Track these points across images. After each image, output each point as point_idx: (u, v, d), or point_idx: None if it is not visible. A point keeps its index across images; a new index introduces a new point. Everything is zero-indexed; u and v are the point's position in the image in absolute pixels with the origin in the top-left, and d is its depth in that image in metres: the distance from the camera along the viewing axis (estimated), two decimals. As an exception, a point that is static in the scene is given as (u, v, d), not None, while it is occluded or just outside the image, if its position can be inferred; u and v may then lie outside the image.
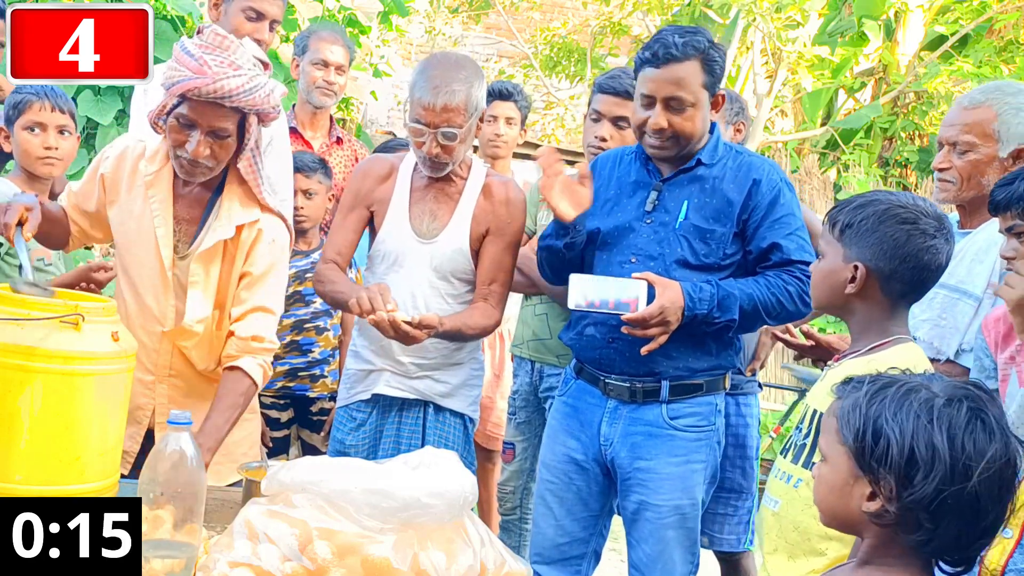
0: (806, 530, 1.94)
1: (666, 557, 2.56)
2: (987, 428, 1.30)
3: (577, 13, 11.52)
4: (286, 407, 3.49)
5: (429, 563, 1.55)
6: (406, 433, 2.71)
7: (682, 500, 2.55)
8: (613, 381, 2.58)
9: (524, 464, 3.53)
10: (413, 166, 2.74)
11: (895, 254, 1.92)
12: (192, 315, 2.32)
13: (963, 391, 1.33)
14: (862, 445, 1.33)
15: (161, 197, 2.34)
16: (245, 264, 2.35)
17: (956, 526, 1.29)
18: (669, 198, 2.57)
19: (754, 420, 3.23)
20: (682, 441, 2.55)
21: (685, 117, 2.50)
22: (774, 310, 2.49)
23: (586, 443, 2.62)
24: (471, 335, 2.69)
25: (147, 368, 2.36)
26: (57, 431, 1.81)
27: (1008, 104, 2.40)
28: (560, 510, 2.67)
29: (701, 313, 2.44)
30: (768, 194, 2.52)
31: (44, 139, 2.82)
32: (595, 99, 3.24)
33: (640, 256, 2.55)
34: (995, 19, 9.15)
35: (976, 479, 1.27)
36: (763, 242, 2.52)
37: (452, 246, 2.68)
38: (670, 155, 2.57)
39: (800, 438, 2.00)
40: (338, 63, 3.77)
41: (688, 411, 2.56)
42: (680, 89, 2.49)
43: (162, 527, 1.63)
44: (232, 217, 2.34)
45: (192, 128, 2.22)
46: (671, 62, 2.48)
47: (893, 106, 9.99)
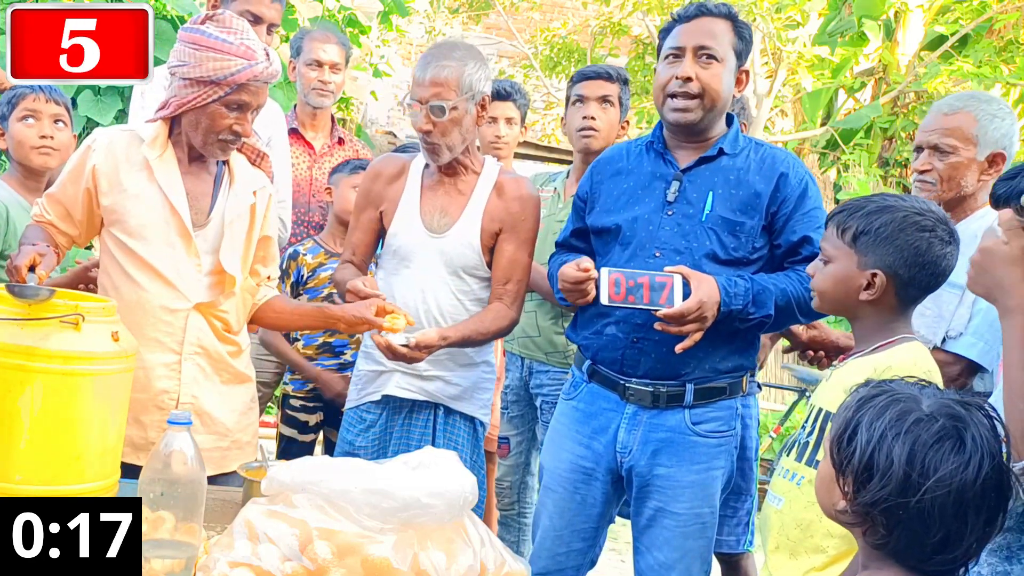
0: (808, 527, 1.94)
1: (684, 565, 2.50)
2: (959, 448, 1.32)
3: (577, 13, 11.53)
4: (315, 410, 3.49)
5: (429, 563, 1.55)
6: (416, 435, 2.69)
7: (703, 508, 2.49)
8: (634, 385, 2.47)
9: (519, 459, 3.55)
10: (424, 164, 2.75)
11: (915, 262, 1.93)
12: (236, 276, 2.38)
13: (949, 409, 1.36)
14: (838, 445, 1.41)
15: (171, 178, 2.34)
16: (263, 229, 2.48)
17: (907, 535, 1.34)
18: (691, 189, 2.47)
19: (754, 421, 3.22)
20: (704, 448, 2.47)
21: (713, 72, 2.43)
22: (806, 306, 2.37)
23: (599, 451, 2.53)
24: (484, 339, 2.66)
25: (170, 348, 2.34)
26: (57, 431, 1.81)
27: (984, 111, 2.56)
28: (560, 521, 2.58)
29: (736, 309, 2.35)
30: (797, 187, 2.45)
31: (39, 128, 2.79)
32: (576, 87, 3.33)
33: (665, 250, 2.45)
34: (995, 19, 9.14)
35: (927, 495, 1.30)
36: (793, 236, 2.44)
37: (462, 241, 2.66)
38: (693, 119, 2.46)
39: (805, 436, 2.01)
40: (332, 62, 3.76)
41: (711, 416, 2.48)
42: (712, 39, 2.43)
43: (162, 527, 1.63)
44: (247, 183, 2.44)
45: (243, 110, 2.30)
46: (704, 16, 2.46)
47: (893, 106, 9.99)
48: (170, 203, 2.32)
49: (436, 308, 2.64)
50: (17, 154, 2.82)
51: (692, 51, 2.44)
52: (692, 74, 2.43)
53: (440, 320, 2.64)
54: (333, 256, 3.41)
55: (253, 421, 2.53)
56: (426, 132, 2.59)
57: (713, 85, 2.43)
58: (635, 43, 10.77)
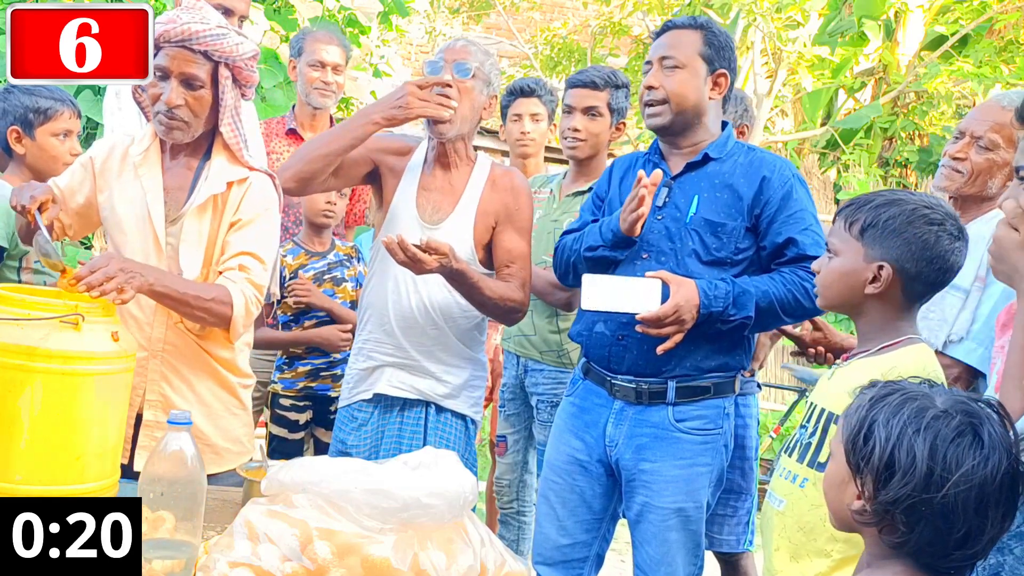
0: (812, 530, 1.92)
1: (669, 560, 2.55)
2: (978, 444, 1.33)
3: (577, 13, 11.54)
4: (305, 408, 3.50)
5: (429, 563, 1.55)
6: (408, 433, 2.69)
7: (686, 503, 2.54)
8: (620, 382, 2.57)
9: (517, 456, 3.56)
10: (424, 156, 2.76)
11: (923, 256, 1.90)
12: (187, 272, 2.33)
13: (963, 405, 1.36)
14: (853, 445, 1.39)
15: (151, 173, 2.38)
16: (235, 214, 2.38)
17: (929, 532, 1.33)
18: (680, 193, 2.58)
19: (753, 420, 3.23)
20: (688, 444, 2.54)
21: (676, 79, 2.57)
22: (791, 307, 2.47)
23: (591, 444, 2.62)
24: (490, 298, 2.62)
25: (139, 344, 2.32)
26: (57, 431, 1.81)
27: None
28: (563, 511, 2.66)
29: (716, 311, 2.43)
30: (780, 189, 2.52)
31: (72, 146, 2.91)
32: (566, 95, 3.36)
33: (652, 251, 2.56)
34: (995, 19, 9.15)
35: (951, 491, 1.30)
36: (778, 237, 2.50)
37: (456, 234, 2.66)
38: (664, 123, 2.59)
39: (806, 437, 1.98)
40: (334, 63, 3.77)
41: (695, 414, 2.54)
42: (672, 49, 2.59)
43: (162, 527, 1.63)
44: (223, 175, 2.39)
45: (166, 79, 2.30)
46: (671, 29, 2.63)
47: (893, 106, 9.99)
48: (146, 200, 2.36)
49: (428, 301, 2.65)
50: (45, 165, 2.87)
51: (657, 61, 2.61)
52: (656, 83, 2.59)
53: (432, 314, 2.66)
54: (313, 256, 3.44)
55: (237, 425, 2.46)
56: (447, 86, 2.61)
57: (676, 90, 2.58)
58: (635, 43, 10.78)
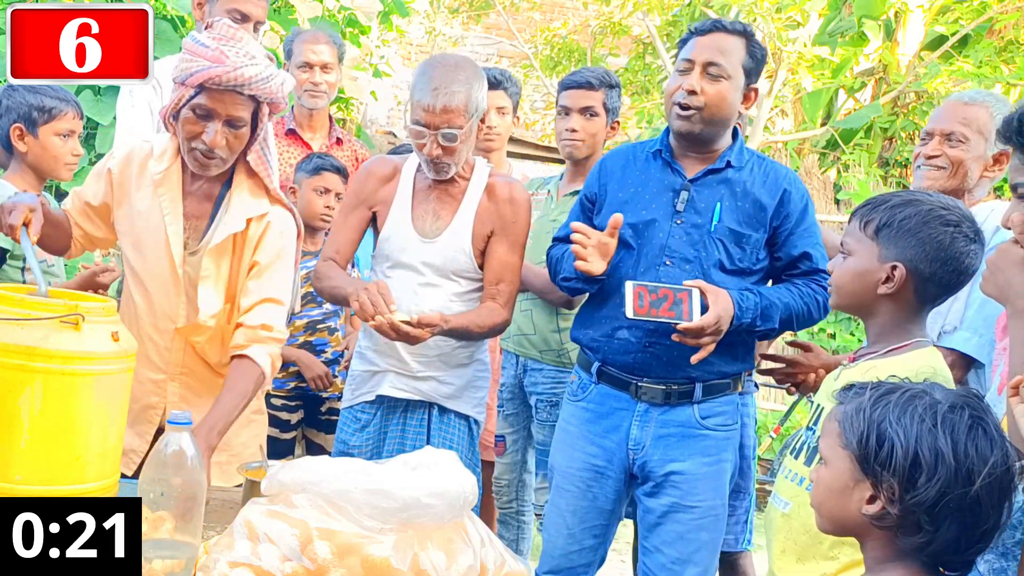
0: (818, 533, 1.90)
1: (699, 558, 2.54)
2: (988, 435, 1.32)
3: (577, 13, 11.53)
4: (296, 408, 3.51)
5: (429, 563, 1.55)
6: (410, 435, 2.70)
7: (716, 500, 2.56)
8: (646, 384, 2.54)
9: (516, 456, 3.55)
10: (416, 167, 2.74)
11: (937, 256, 1.88)
12: (205, 310, 2.31)
13: (964, 399, 1.36)
14: (866, 449, 1.36)
15: (171, 195, 2.33)
16: (254, 255, 2.34)
17: (955, 529, 1.31)
18: (699, 199, 2.54)
19: (751, 420, 3.24)
20: (713, 440, 2.55)
21: (718, 88, 2.50)
22: (803, 318, 2.54)
23: (611, 449, 2.58)
24: (479, 333, 2.66)
25: (158, 367, 2.36)
26: (57, 431, 1.81)
27: (999, 110, 2.56)
28: (573, 519, 2.63)
29: (746, 322, 2.46)
30: (800, 202, 2.55)
31: (74, 146, 2.91)
32: (561, 96, 3.34)
33: (675, 258, 2.52)
34: (995, 19, 9.14)
35: (978, 484, 1.29)
36: (795, 250, 2.54)
37: (454, 245, 2.67)
38: (692, 129, 2.52)
39: (812, 439, 1.96)
40: (322, 62, 3.75)
41: (718, 410, 2.56)
42: (721, 56, 2.50)
43: (162, 527, 1.63)
44: (242, 210, 2.34)
45: (209, 119, 2.23)
46: (718, 31, 2.53)
47: (893, 106, 9.98)
48: (164, 223, 2.32)
49: (428, 310, 2.63)
50: (46, 164, 2.89)
51: (701, 65, 2.51)
52: (698, 88, 2.50)
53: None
54: (305, 256, 3.42)
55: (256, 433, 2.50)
56: (435, 157, 2.59)
57: (716, 101, 2.51)
58: (635, 43, 10.77)
